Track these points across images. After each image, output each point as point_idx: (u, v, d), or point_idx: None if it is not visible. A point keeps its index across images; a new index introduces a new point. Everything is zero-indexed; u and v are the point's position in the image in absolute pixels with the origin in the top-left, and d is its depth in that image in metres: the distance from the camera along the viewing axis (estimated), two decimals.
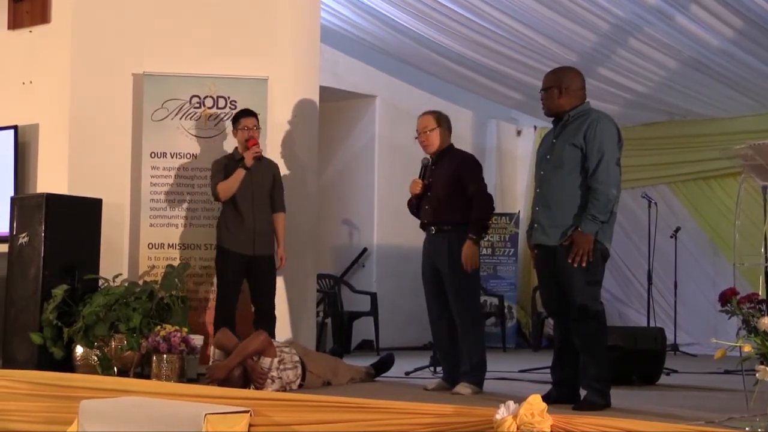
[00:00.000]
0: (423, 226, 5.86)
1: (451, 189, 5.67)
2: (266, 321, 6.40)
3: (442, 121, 5.83)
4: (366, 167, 10.73)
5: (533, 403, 3.93)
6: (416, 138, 5.88)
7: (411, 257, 8.13)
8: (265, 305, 6.48)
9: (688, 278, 10.34)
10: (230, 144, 6.91)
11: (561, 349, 5.04)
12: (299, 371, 5.79)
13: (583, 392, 4.84)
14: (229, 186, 6.44)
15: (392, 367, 6.61)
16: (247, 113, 6.57)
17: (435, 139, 5.80)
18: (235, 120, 6.60)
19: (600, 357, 4.80)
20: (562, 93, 4.98)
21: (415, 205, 5.89)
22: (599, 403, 4.66)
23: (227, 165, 6.52)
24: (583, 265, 4.75)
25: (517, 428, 3.90)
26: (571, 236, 4.79)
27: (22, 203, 6.60)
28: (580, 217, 4.81)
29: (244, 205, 6.45)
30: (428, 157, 5.86)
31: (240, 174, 6.42)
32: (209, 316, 6.83)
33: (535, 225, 5.03)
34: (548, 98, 5.03)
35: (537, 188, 5.09)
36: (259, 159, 6.43)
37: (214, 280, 6.80)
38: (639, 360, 6.33)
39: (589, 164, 4.82)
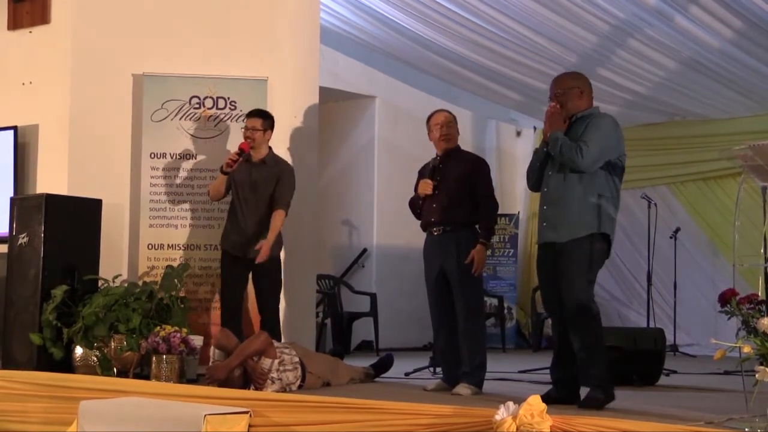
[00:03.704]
0: (425, 226, 5.86)
1: (462, 190, 5.72)
2: (268, 322, 6.37)
3: (456, 121, 5.95)
4: (365, 168, 10.73)
5: (533, 404, 3.94)
6: (431, 133, 5.89)
7: (411, 258, 8.15)
8: (266, 306, 6.44)
9: (688, 279, 10.35)
10: (228, 144, 6.92)
11: (560, 349, 5.04)
12: (299, 372, 5.79)
13: (584, 390, 4.83)
14: (212, 188, 6.56)
15: (392, 367, 6.61)
16: (252, 114, 6.51)
17: (455, 133, 5.88)
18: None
19: (600, 355, 4.80)
20: (583, 94, 5.00)
21: (419, 205, 5.90)
22: (602, 399, 4.66)
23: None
24: None
25: (517, 429, 3.90)
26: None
27: (22, 204, 6.60)
28: (588, 215, 4.82)
29: (239, 206, 6.44)
30: (437, 157, 5.91)
31: (221, 178, 6.46)
32: (208, 317, 6.84)
33: (544, 223, 5.04)
34: (570, 98, 5.00)
35: (544, 187, 5.10)
36: (231, 167, 6.35)
37: (213, 280, 6.80)
38: (639, 361, 6.33)
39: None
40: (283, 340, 6.32)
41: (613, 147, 4.91)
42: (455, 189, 5.73)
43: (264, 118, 6.47)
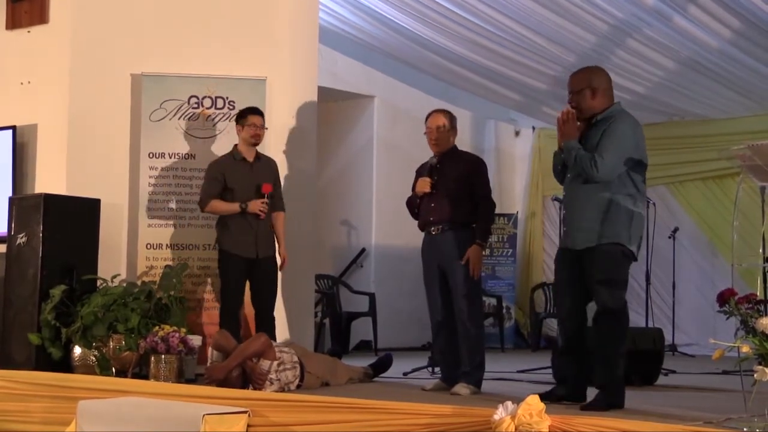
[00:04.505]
0: (423, 226, 5.86)
1: (460, 190, 5.72)
2: (266, 323, 6.36)
3: (454, 122, 5.91)
4: (364, 168, 10.73)
5: (531, 404, 3.94)
6: (425, 133, 5.88)
7: (409, 258, 8.14)
8: (267, 307, 6.44)
9: (687, 279, 10.34)
10: (226, 145, 6.88)
11: (565, 348, 5.03)
12: (298, 372, 5.79)
13: (592, 390, 4.83)
14: (220, 212, 6.45)
15: (390, 367, 6.61)
16: (255, 111, 6.49)
17: (447, 138, 5.83)
18: (242, 116, 6.51)
19: (612, 359, 4.76)
20: (595, 94, 4.91)
21: (417, 205, 5.90)
22: (603, 406, 4.63)
23: (226, 168, 6.47)
24: None
25: (516, 428, 3.90)
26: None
27: (21, 203, 6.60)
28: (601, 222, 4.78)
29: None
30: (435, 157, 5.89)
31: (235, 210, 6.36)
32: (207, 317, 6.83)
33: (564, 228, 5.04)
34: (581, 100, 4.91)
35: (564, 191, 5.08)
36: (262, 218, 6.35)
37: (211, 280, 6.80)
38: (637, 360, 6.31)
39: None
40: (279, 340, 6.32)
41: (631, 150, 4.83)
42: (454, 189, 5.73)
43: (263, 116, 6.50)
